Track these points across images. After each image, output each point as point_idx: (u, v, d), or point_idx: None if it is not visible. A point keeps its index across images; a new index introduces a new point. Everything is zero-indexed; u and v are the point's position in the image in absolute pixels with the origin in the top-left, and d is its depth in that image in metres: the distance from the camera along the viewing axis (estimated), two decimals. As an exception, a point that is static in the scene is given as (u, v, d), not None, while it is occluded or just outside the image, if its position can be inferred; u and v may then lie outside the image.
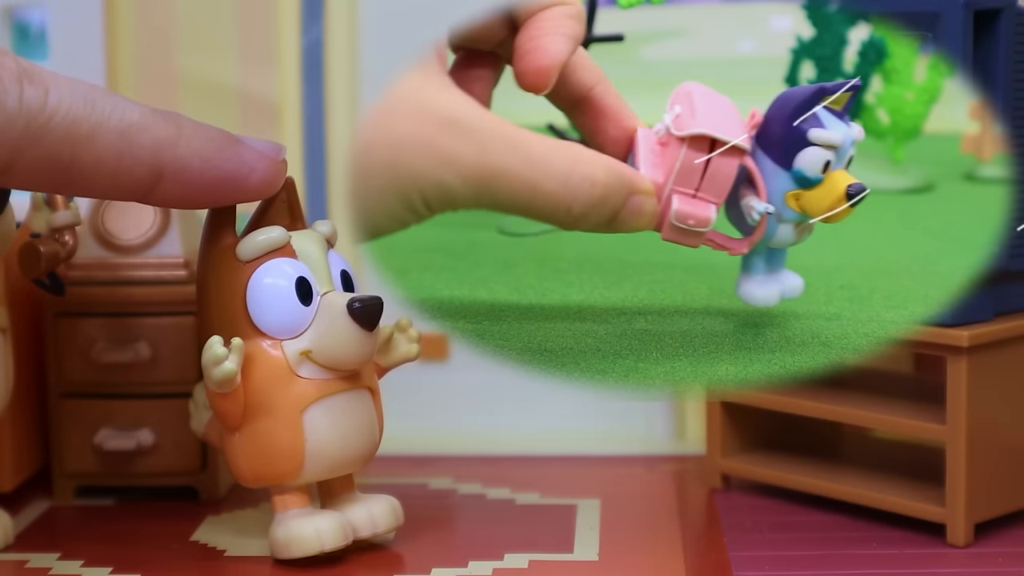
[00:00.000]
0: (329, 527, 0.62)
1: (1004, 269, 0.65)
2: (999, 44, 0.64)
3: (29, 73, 0.55)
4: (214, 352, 0.60)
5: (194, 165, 0.58)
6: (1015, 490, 0.67)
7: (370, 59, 0.84)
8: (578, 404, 0.83)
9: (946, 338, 0.64)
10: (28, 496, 0.73)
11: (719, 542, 0.66)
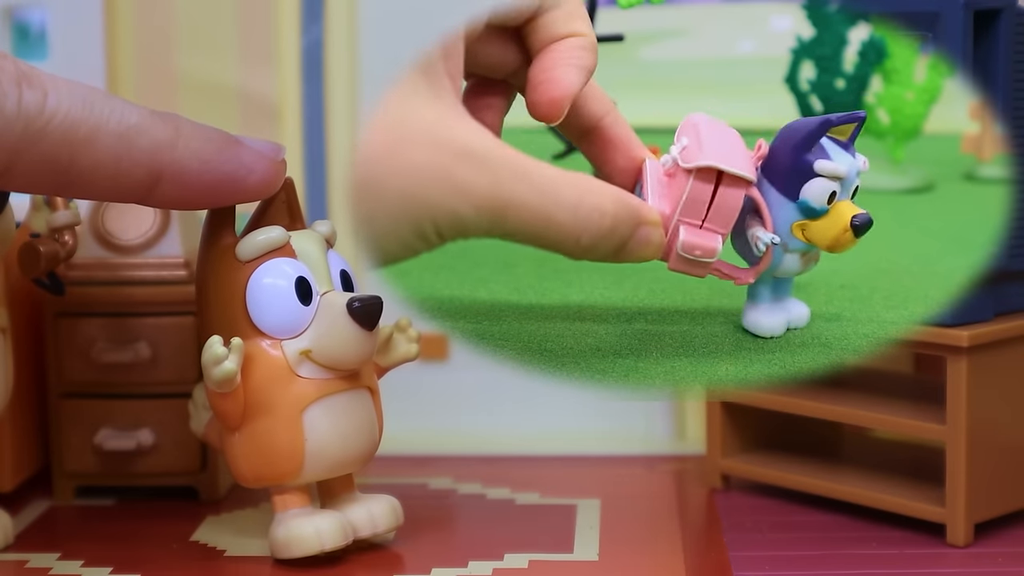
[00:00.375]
0: (329, 527, 0.62)
1: (1004, 269, 0.65)
2: (999, 44, 0.64)
3: (28, 76, 0.55)
4: (214, 352, 0.60)
5: (193, 167, 0.58)
6: (1015, 490, 0.67)
7: (370, 59, 0.84)
8: (578, 404, 0.83)
9: (946, 338, 0.64)
10: (28, 496, 0.73)
11: (719, 542, 0.66)
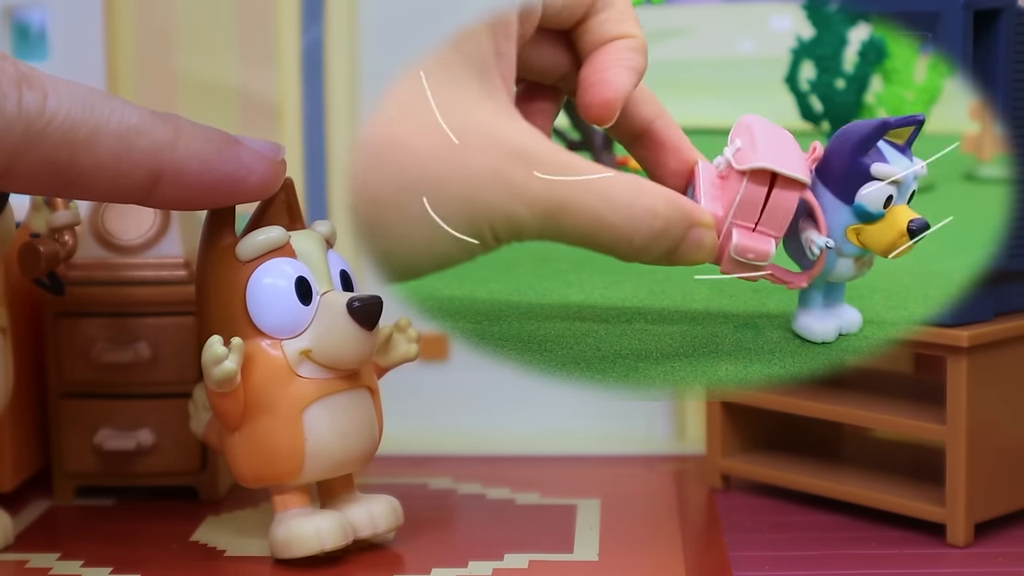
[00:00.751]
0: (329, 527, 0.62)
1: (1004, 269, 0.65)
2: (999, 44, 0.64)
3: (28, 77, 0.55)
4: (214, 352, 0.60)
5: (193, 167, 0.58)
6: (1015, 490, 0.67)
7: (370, 59, 0.84)
8: (578, 404, 0.83)
9: (946, 338, 0.64)
10: (28, 496, 0.73)
11: (719, 542, 0.66)
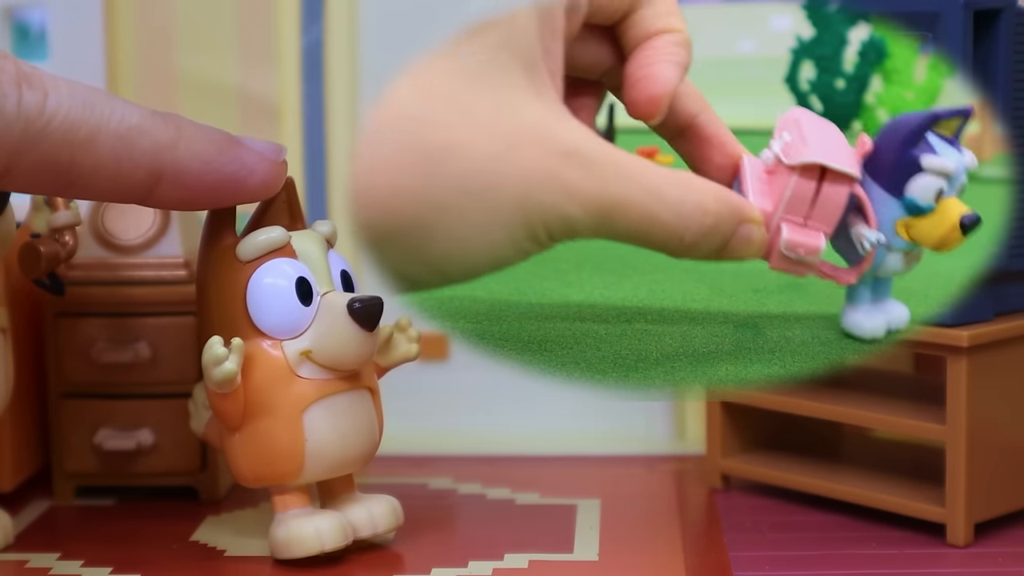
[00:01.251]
0: (329, 527, 0.62)
1: (1004, 269, 0.65)
2: (999, 44, 0.64)
3: (28, 77, 0.55)
4: (214, 352, 0.60)
5: (193, 167, 0.58)
6: (1015, 490, 0.67)
7: (370, 59, 0.84)
8: (578, 404, 0.83)
9: (946, 338, 0.64)
10: (28, 496, 0.73)
11: (719, 542, 0.66)
